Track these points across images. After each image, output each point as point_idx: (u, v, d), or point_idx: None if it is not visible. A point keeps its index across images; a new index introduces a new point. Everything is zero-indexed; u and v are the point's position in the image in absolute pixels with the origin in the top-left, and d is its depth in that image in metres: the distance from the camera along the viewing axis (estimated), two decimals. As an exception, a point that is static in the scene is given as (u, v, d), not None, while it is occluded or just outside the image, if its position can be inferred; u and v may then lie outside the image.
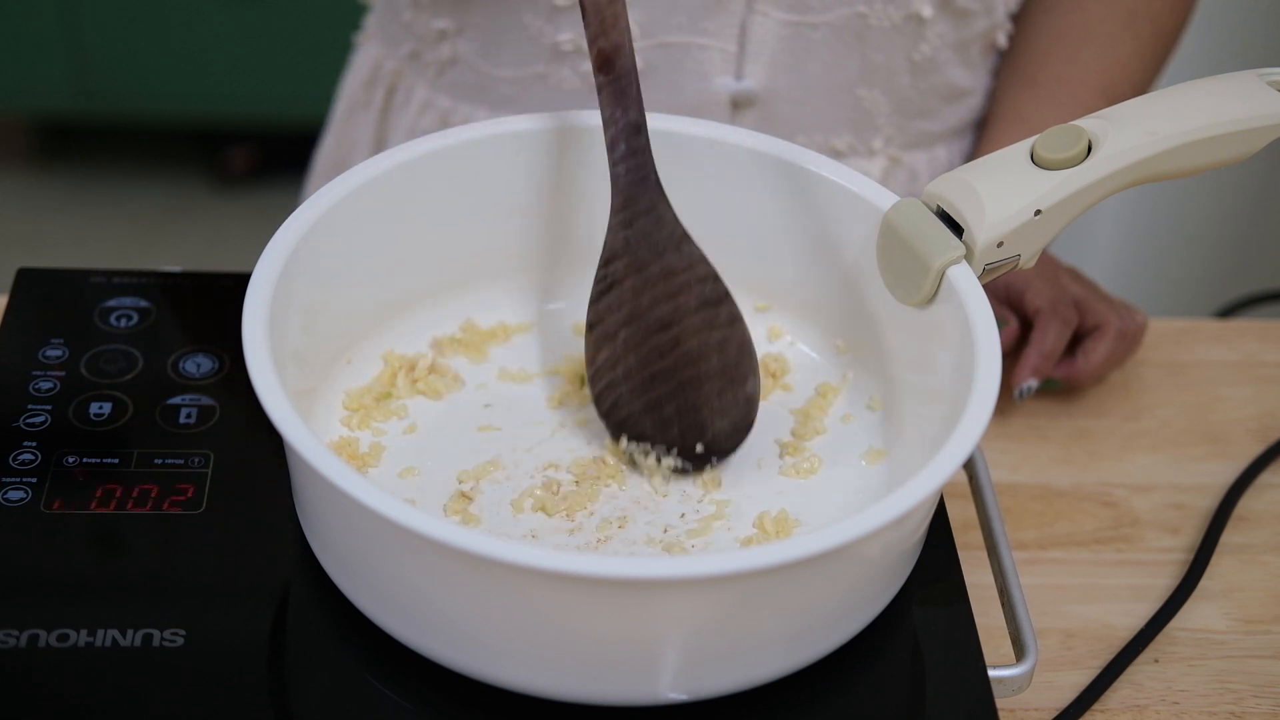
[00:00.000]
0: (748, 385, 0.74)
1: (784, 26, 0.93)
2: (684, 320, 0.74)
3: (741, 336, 0.74)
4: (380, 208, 0.75)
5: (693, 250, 0.74)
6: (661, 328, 0.74)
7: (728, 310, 0.74)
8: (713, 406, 0.74)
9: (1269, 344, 1.00)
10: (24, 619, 0.67)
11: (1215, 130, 0.73)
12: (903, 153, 1.01)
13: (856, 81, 0.96)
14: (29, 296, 0.83)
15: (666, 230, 0.73)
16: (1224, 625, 0.81)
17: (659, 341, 0.74)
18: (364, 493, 0.60)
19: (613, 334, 0.74)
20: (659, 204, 0.73)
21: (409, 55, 1.02)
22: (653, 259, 0.73)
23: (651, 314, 0.74)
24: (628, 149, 0.72)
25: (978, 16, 0.96)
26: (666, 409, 0.74)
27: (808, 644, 0.66)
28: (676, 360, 0.74)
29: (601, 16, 0.71)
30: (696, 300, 0.74)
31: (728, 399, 0.74)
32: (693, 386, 0.74)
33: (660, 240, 0.73)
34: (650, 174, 0.73)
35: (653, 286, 0.73)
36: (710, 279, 0.74)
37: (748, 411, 0.75)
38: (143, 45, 2.38)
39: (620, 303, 0.73)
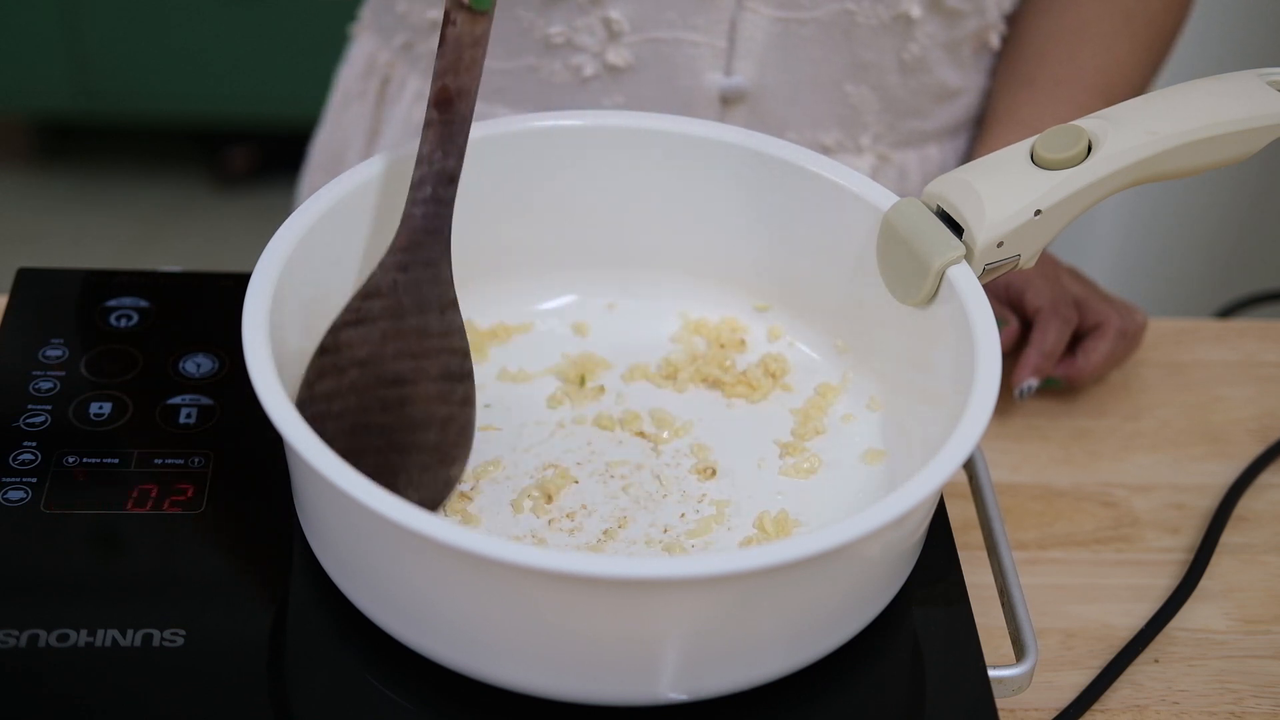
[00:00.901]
0: (453, 469, 0.72)
1: (773, 23, 0.93)
2: (419, 384, 0.70)
3: (466, 421, 0.72)
4: (380, 208, 0.75)
5: (454, 319, 0.71)
6: (395, 383, 0.70)
7: (464, 390, 0.72)
8: (411, 479, 0.70)
9: (1269, 344, 1.00)
10: (24, 619, 0.67)
11: (1215, 130, 0.73)
12: (892, 151, 1.01)
13: (844, 78, 0.96)
14: (29, 296, 0.83)
15: (439, 290, 0.70)
16: (1224, 625, 0.81)
17: (387, 395, 0.70)
18: (364, 493, 0.60)
19: (343, 369, 0.69)
20: (441, 261, 0.70)
21: (403, 46, 1.02)
22: (413, 312, 0.70)
23: (390, 366, 0.70)
24: (432, 195, 0.70)
25: (968, 17, 0.96)
26: (364, 463, 0.67)
27: (808, 644, 0.66)
28: (397, 420, 0.70)
29: (459, 55, 0.69)
30: (439, 369, 0.71)
31: (429, 476, 0.71)
32: (400, 452, 0.70)
33: (429, 298, 0.70)
34: (445, 229, 0.70)
35: (402, 338, 0.70)
36: (461, 354, 0.71)
37: (443, 493, 0.71)
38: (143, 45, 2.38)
39: (363, 341, 0.69)
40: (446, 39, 0.69)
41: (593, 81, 0.95)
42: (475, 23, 0.69)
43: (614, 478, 0.75)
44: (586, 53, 0.94)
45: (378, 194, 0.75)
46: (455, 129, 0.70)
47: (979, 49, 0.99)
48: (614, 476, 0.75)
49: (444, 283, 0.71)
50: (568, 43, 0.94)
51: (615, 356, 0.81)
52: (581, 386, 0.79)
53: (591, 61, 0.95)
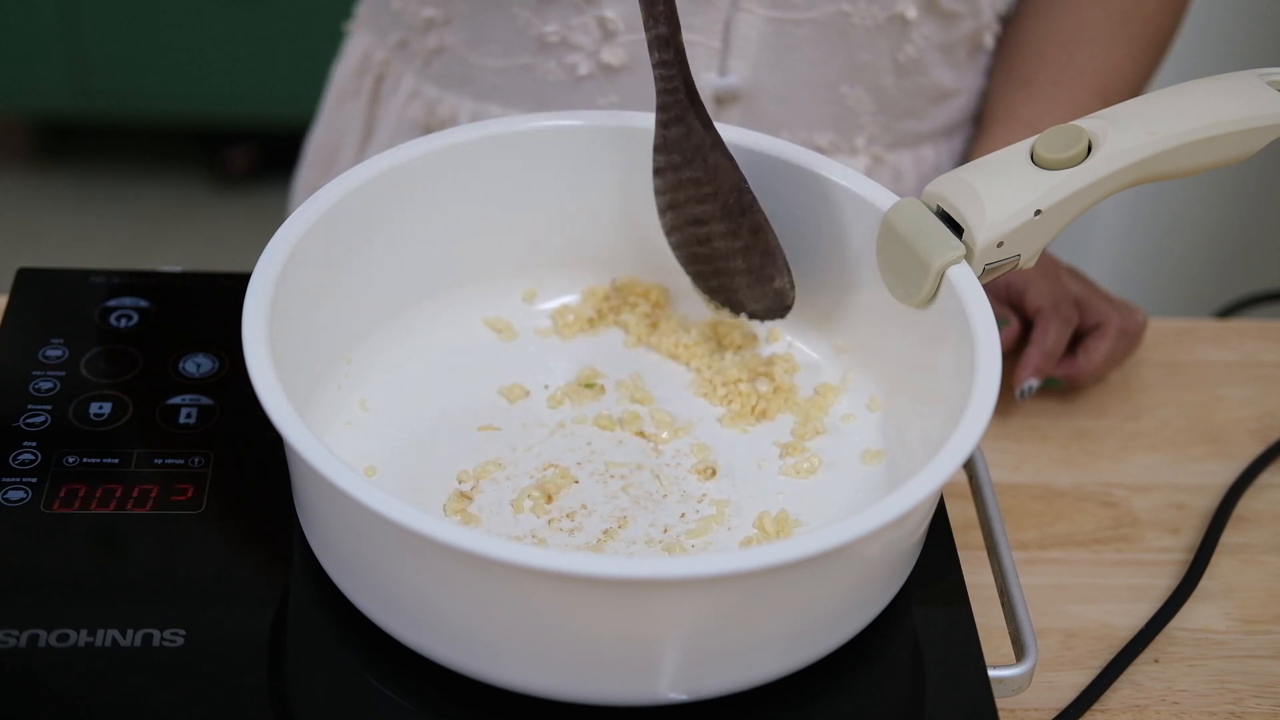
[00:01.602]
0: (775, 284, 0.77)
1: (768, 23, 0.93)
2: (711, 224, 0.77)
3: (765, 245, 0.76)
4: (379, 208, 0.75)
5: (718, 160, 0.75)
6: (695, 223, 0.77)
7: (750, 220, 0.76)
8: (746, 294, 0.79)
9: (1269, 344, 1.00)
10: (24, 619, 0.67)
11: (1215, 130, 0.73)
12: (887, 152, 1.01)
13: (840, 79, 0.96)
14: (29, 296, 0.83)
15: (694, 140, 0.75)
16: (1224, 625, 0.81)
17: (694, 233, 0.78)
18: (364, 493, 0.60)
19: (664, 209, 0.78)
20: (687, 114, 0.75)
21: (398, 44, 1.02)
22: (683, 164, 0.76)
23: (686, 210, 0.77)
24: (658, 59, 0.74)
25: (964, 18, 0.96)
26: (710, 282, 0.79)
27: (808, 644, 0.66)
28: (710, 252, 0.78)
29: None
30: (719, 209, 0.76)
31: (758, 291, 0.78)
32: (725, 275, 0.78)
33: (688, 149, 0.75)
34: (679, 86, 0.74)
35: (685, 187, 0.76)
36: (733, 189, 0.75)
37: (779, 301, 0.78)
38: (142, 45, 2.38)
39: (664, 188, 0.77)
40: None
41: (587, 81, 0.95)
42: None
43: (614, 478, 0.75)
44: (581, 52, 0.94)
45: (377, 194, 0.75)
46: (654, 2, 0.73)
47: (974, 50, 0.99)
48: (614, 476, 0.75)
49: (698, 133, 0.75)
50: (562, 42, 0.94)
51: (615, 357, 0.81)
52: (581, 387, 0.79)
53: (586, 61, 0.95)
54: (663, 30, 0.74)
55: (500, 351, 0.81)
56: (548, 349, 0.82)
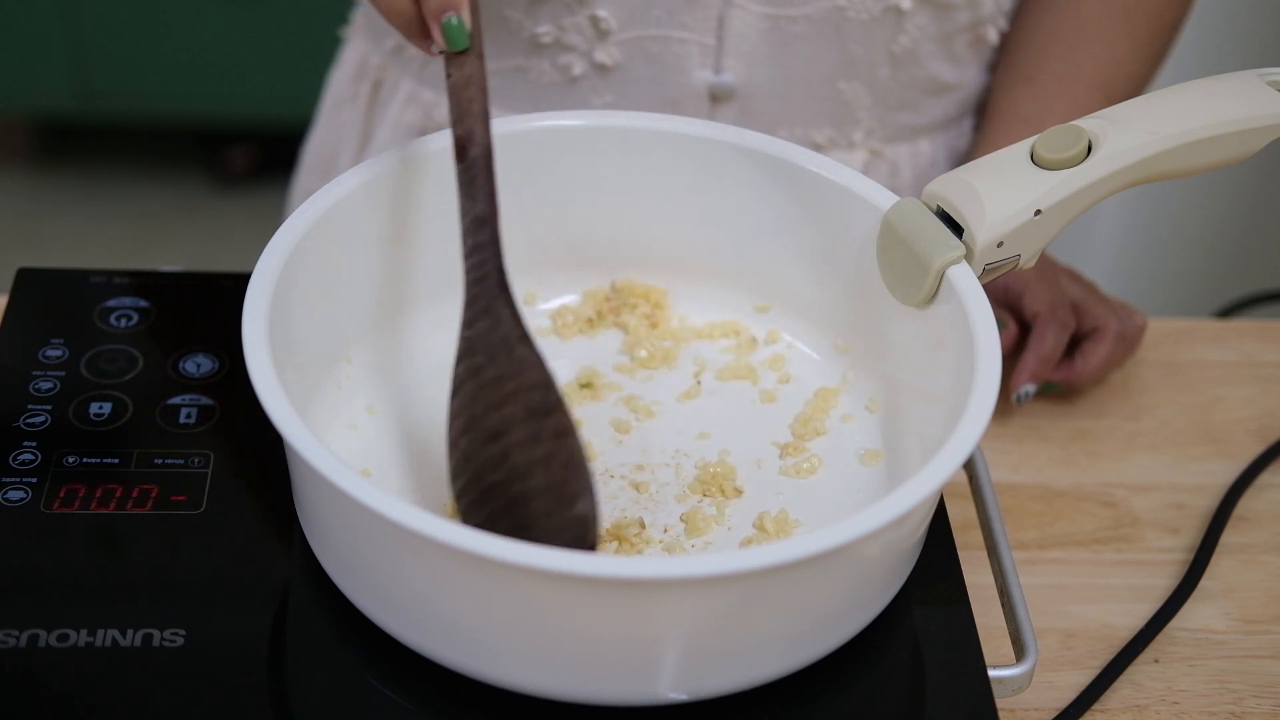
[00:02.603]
0: (577, 506, 0.66)
1: (762, 20, 0.93)
2: (511, 431, 0.68)
3: (569, 452, 0.67)
4: (379, 208, 0.75)
5: (526, 354, 0.68)
6: (492, 438, 0.68)
7: (555, 422, 0.68)
8: (543, 527, 0.67)
9: (1269, 344, 1.00)
10: (24, 619, 0.67)
11: (1215, 130, 0.73)
12: (884, 146, 1.01)
13: (836, 74, 0.96)
14: (29, 296, 0.83)
15: (501, 332, 0.69)
16: (1224, 625, 0.81)
17: (490, 453, 0.68)
18: (364, 493, 0.60)
19: (455, 442, 0.68)
20: (496, 304, 0.69)
21: (394, 49, 1.02)
22: (487, 363, 0.69)
23: (484, 423, 0.68)
24: (472, 244, 0.69)
25: (960, 10, 0.96)
26: (501, 525, 0.67)
27: (808, 644, 0.66)
28: (506, 474, 0.67)
29: (458, 100, 0.69)
30: (523, 411, 0.68)
31: (557, 520, 0.67)
32: (521, 504, 0.67)
33: (494, 343, 0.69)
34: (491, 272, 0.69)
35: (486, 393, 0.68)
36: (540, 387, 0.68)
37: (581, 534, 0.67)
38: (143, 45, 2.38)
39: (460, 409, 0.69)
40: (447, 89, 0.69)
41: (581, 81, 0.95)
42: (462, 64, 0.70)
43: (614, 478, 0.75)
44: (575, 52, 0.94)
45: (377, 194, 0.75)
46: (473, 173, 0.69)
47: (975, 43, 0.99)
48: (614, 476, 0.75)
49: (505, 324, 0.69)
50: (556, 42, 0.94)
51: (615, 357, 0.81)
52: (581, 387, 0.79)
53: (580, 61, 0.95)
54: (481, 209, 0.69)
55: (500, 351, 0.81)
56: (547, 349, 0.81)
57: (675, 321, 0.83)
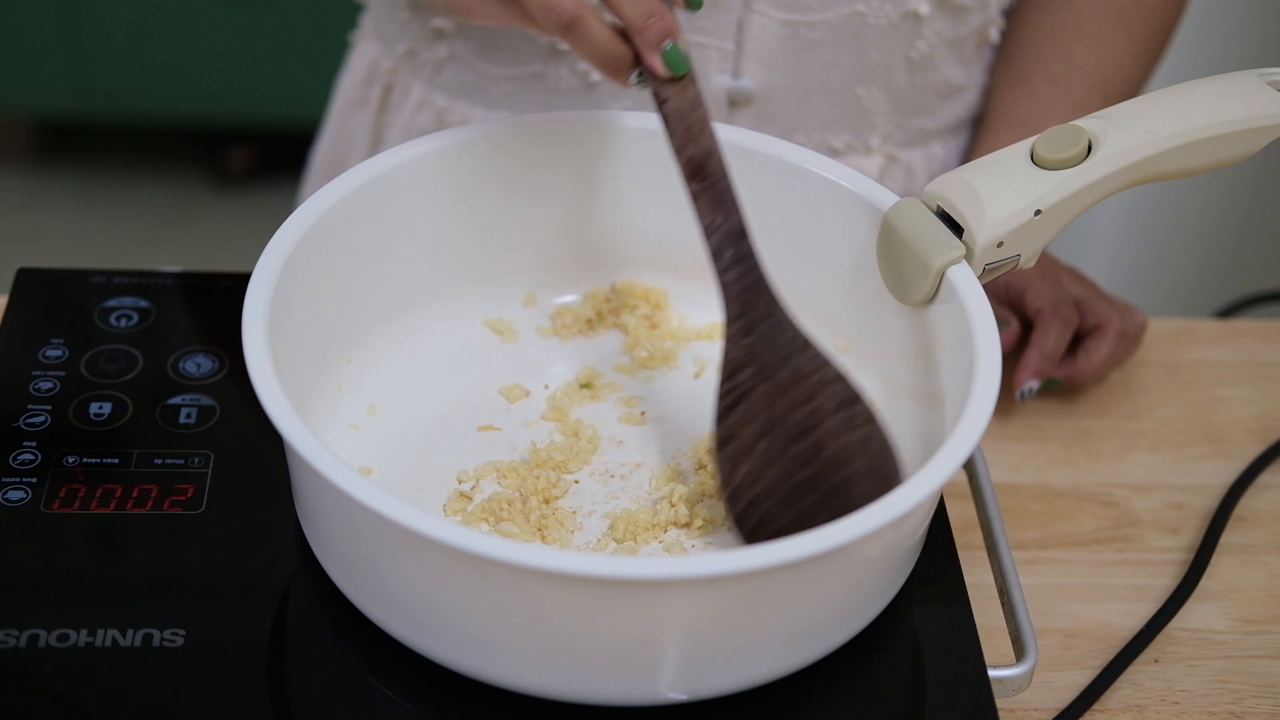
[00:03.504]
0: (895, 482, 0.69)
1: (782, 25, 0.93)
2: (823, 424, 0.70)
3: (883, 433, 0.70)
4: (379, 208, 0.75)
5: (817, 353, 0.71)
6: (801, 435, 0.69)
7: (863, 409, 0.70)
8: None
9: (1269, 344, 1.00)
10: (24, 619, 0.67)
11: (1215, 130, 0.73)
12: (899, 150, 1.01)
13: (855, 80, 0.96)
14: (29, 296, 0.83)
15: (789, 334, 0.71)
16: (1224, 625, 0.81)
17: (800, 449, 0.69)
18: (364, 493, 0.60)
19: (749, 448, 0.69)
20: (776, 309, 0.71)
21: (406, 54, 1.02)
22: (780, 364, 0.70)
23: (788, 421, 0.70)
24: (735, 255, 0.70)
25: (973, 12, 0.96)
26: (819, 517, 0.68)
27: (808, 644, 0.66)
28: (821, 467, 0.69)
29: (686, 124, 0.70)
30: (833, 402, 0.70)
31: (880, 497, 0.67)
32: (843, 490, 0.69)
33: (784, 344, 0.70)
34: (761, 278, 0.71)
35: (785, 393, 0.70)
36: (839, 379, 0.70)
37: None
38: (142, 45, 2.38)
39: (753, 414, 0.70)
40: (667, 115, 0.70)
41: (600, 86, 0.95)
42: (684, 89, 0.70)
43: (614, 478, 0.75)
44: None
45: (378, 194, 0.75)
46: (719, 190, 0.70)
47: (981, 44, 0.99)
48: (614, 476, 0.75)
49: (790, 326, 0.71)
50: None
51: (616, 356, 0.81)
52: (581, 387, 0.79)
53: None
54: (735, 221, 0.70)
55: (500, 352, 0.81)
56: (548, 350, 0.82)
57: (675, 322, 0.83)
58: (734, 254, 0.70)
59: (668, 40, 0.69)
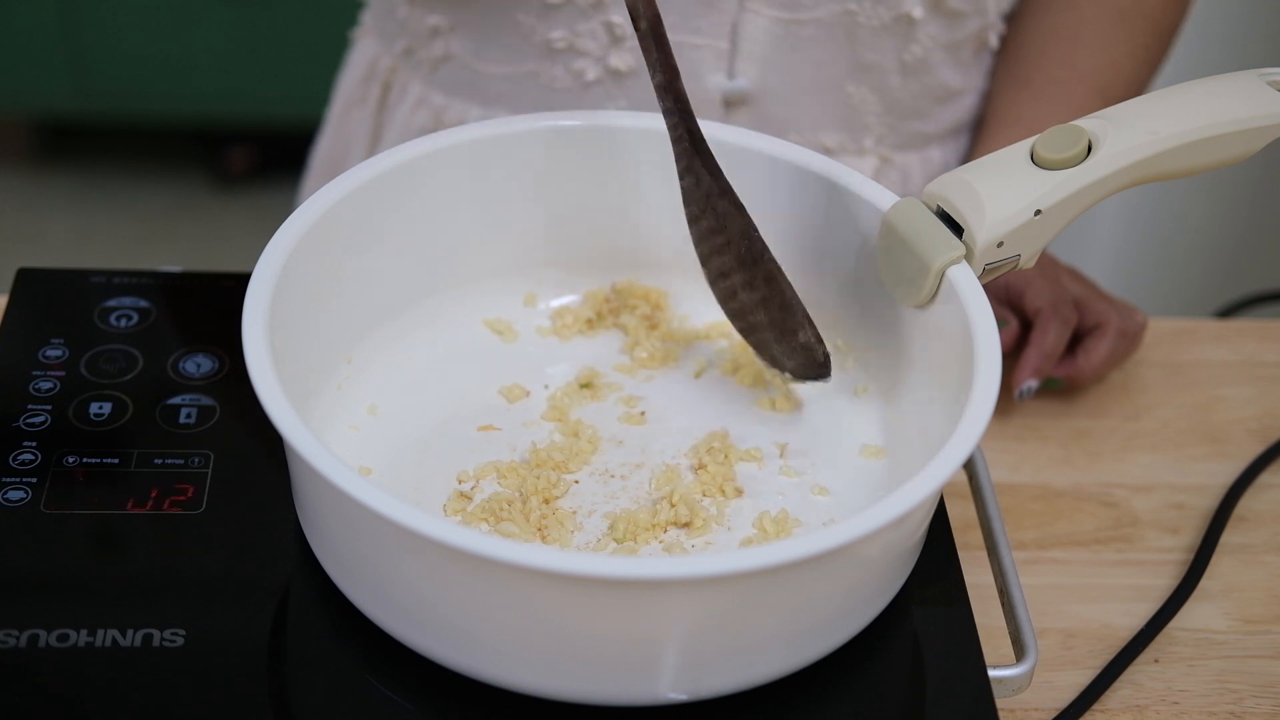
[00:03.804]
0: (799, 337, 0.75)
1: (775, 24, 0.93)
2: (732, 275, 0.76)
3: (781, 296, 0.75)
4: (380, 208, 0.75)
5: (726, 208, 0.74)
6: (722, 275, 0.76)
7: (764, 270, 0.75)
8: (778, 349, 0.77)
9: (1269, 344, 1.00)
10: (24, 619, 0.67)
11: (1215, 130, 0.73)
12: (894, 153, 1.01)
13: (846, 79, 0.96)
14: (29, 296, 0.83)
15: (703, 189, 0.74)
16: (1224, 625, 0.81)
17: (725, 286, 0.76)
18: (364, 493, 0.60)
19: (703, 263, 0.77)
20: (694, 164, 0.74)
21: (404, 51, 1.02)
22: (700, 214, 0.75)
23: (713, 262, 0.76)
24: (662, 108, 0.74)
25: (969, 17, 0.96)
26: (751, 338, 0.78)
27: (808, 644, 0.66)
28: (740, 306, 0.77)
29: None
30: (734, 260, 0.75)
31: (786, 346, 0.76)
32: (758, 330, 0.77)
33: (699, 198, 0.75)
34: (683, 134, 0.74)
35: (706, 239, 0.76)
36: (743, 236, 0.74)
37: (809, 357, 0.76)
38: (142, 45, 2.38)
39: (696, 239, 0.76)
40: None
41: (595, 86, 0.95)
42: None
43: (614, 477, 0.75)
44: (589, 57, 0.94)
45: (377, 194, 0.75)
46: (645, 45, 0.73)
47: (979, 49, 0.99)
48: (614, 476, 0.75)
49: (705, 181, 0.74)
50: (570, 48, 0.94)
51: (616, 356, 0.81)
52: (581, 387, 0.79)
53: (594, 66, 0.94)
54: (660, 78, 0.73)
55: (500, 352, 0.81)
56: (547, 350, 0.82)
57: (675, 322, 0.83)
58: (662, 107, 0.74)
59: None
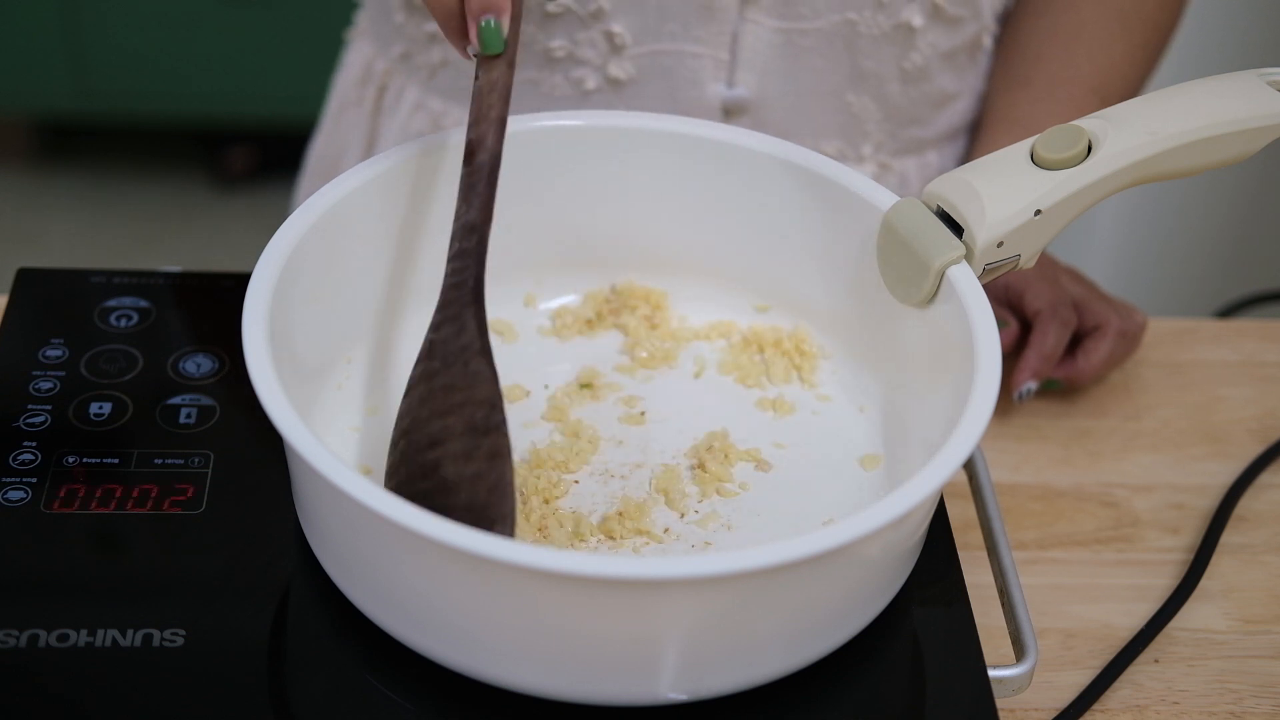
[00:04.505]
0: (495, 530, 0.65)
1: (775, 34, 0.93)
2: (447, 443, 0.67)
3: (498, 476, 0.66)
4: (379, 208, 0.75)
5: (481, 368, 0.68)
6: (431, 445, 0.67)
7: (491, 443, 0.67)
8: None
9: (1269, 344, 1.00)
10: (24, 619, 0.67)
11: (1215, 130, 0.73)
12: (892, 159, 1.01)
13: (846, 88, 0.96)
14: (29, 296, 0.83)
15: (464, 341, 0.68)
16: (1224, 625, 0.81)
17: (425, 460, 0.67)
18: (364, 492, 0.60)
19: (395, 442, 0.69)
20: (465, 312, 0.69)
21: (400, 56, 1.02)
22: (442, 369, 0.68)
23: (425, 429, 0.68)
24: (459, 249, 0.69)
25: (966, 23, 0.96)
26: None
27: (808, 644, 0.66)
28: (434, 485, 0.67)
29: (478, 104, 0.70)
30: (463, 425, 0.67)
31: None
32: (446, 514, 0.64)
33: (453, 351, 0.68)
34: (469, 279, 0.69)
35: (434, 399, 0.68)
36: (485, 404, 0.67)
37: None
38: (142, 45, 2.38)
39: (407, 410, 0.69)
40: (473, 91, 0.70)
41: (594, 95, 0.95)
42: (490, 69, 0.70)
43: (614, 477, 0.75)
44: (588, 66, 0.94)
45: (377, 194, 0.75)
46: (475, 179, 0.70)
47: (974, 52, 0.99)
48: (614, 476, 0.75)
49: (469, 333, 0.68)
50: (569, 56, 0.94)
51: (616, 356, 0.81)
52: (581, 387, 0.79)
53: (593, 75, 0.94)
54: (474, 217, 0.69)
55: (500, 352, 0.81)
56: (547, 350, 0.82)
57: (675, 322, 0.83)
58: (458, 248, 0.69)
59: (488, 15, 0.69)
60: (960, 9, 0.95)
